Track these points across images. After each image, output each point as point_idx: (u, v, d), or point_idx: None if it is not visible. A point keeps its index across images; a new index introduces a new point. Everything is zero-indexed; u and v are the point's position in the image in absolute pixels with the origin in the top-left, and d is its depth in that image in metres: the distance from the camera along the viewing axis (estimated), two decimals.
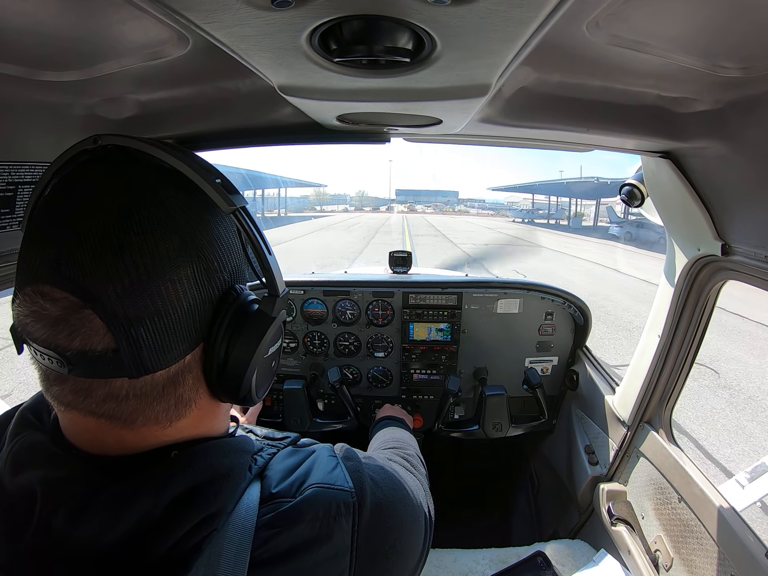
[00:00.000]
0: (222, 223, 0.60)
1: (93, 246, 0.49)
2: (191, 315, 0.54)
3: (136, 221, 0.51)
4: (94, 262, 0.49)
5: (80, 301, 0.49)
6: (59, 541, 0.50)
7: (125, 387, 0.52)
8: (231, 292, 0.59)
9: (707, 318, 1.61)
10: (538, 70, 0.99)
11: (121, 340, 0.49)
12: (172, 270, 0.52)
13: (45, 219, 0.54)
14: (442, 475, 1.75)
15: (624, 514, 1.88)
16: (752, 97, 0.93)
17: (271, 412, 2.51)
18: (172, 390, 0.56)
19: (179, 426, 0.59)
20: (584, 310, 2.38)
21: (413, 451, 1.14)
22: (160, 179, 0.56)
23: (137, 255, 0.50)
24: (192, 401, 0.59)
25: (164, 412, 0.56)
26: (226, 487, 0.58)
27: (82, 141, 0.57)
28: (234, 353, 0.58)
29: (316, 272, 2.72)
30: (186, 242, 0.54)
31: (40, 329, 0.50)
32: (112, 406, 0.53)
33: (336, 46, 0.66)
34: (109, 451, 0.56)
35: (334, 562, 0.60)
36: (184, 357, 0.55)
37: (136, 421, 0.54)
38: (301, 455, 0.70)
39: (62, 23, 0.70)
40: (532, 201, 75.32)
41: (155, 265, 0.51)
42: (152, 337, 0.51)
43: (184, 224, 0.55)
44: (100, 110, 1.11)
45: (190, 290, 0.53)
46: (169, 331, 0.52)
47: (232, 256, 0.61)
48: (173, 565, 0.52)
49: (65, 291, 0.49)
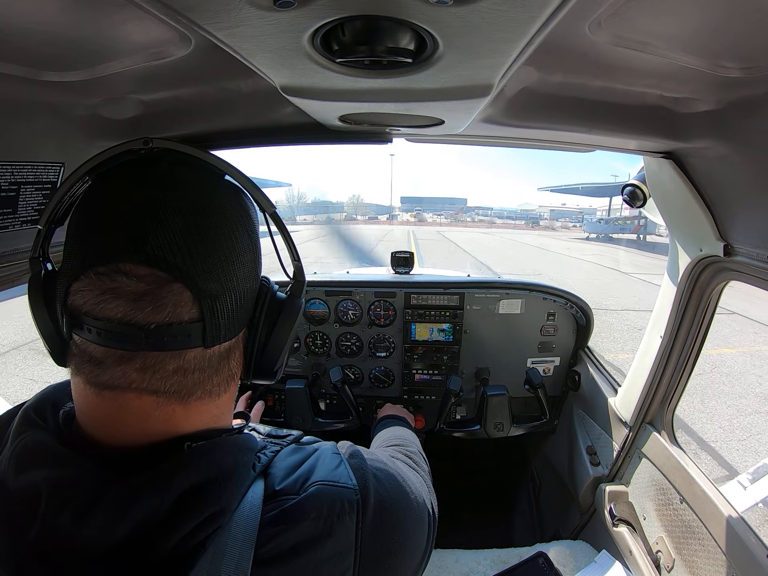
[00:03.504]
0: (255, 221, 0.69)
1: (178, 229, 0.55)
2: (251, 295, 0.65)
3: (213, 212, 0.59)
4: (181, 242, 0.55)
5: (170, 276, 0.54)
6: (64, 540, 0.50)
7: (197, 359, 0.58)
8: (264, 281, 0.69)
9: (709, 318, 1.61)
10: (541, 70, 0.99)
11: (205, 311, 0.56)
12: (241, 254, 0.61)
13: (111, 204, 0.57)
14: (444, 475, 1.75)
15: (626, 514, 1.88)
16: (754, 97, 0.93)
17: (274, 411, 2.52)
18: (226, 364, 0.63)
19: (220, 403, 0.65)
20: (586, 311, 2.38)
21: (415, 449, 1.14)
22: (220, 182, 0.65)
23: (216, 240, 0.58)
24: (235, 377, 0.66)
25: (218, 385, 0.62)
26: (231, 484, 0.58)
27: (132, 140, 0.63)
28: (275, 332, 0.68)
29: (318, 272, 2.72)
30: (248, 234, 0.64)
31: (118, 306, 0.53)
32: (179, 379, 0.57)
33: (338, 46, 0.66)
34: (130, 440, 0.57)
35: (338, 560, 0.61)
36: (240, 333, 0.64)
37: (194, 394, 0.60)
38: (305, 453, 0.70)
39: (65, 23, 0.70)
40: (609, 208, 54.82)
41: (231, 250, 0.60)
42: (227, 310, 0.59)
43: (244, 219, 0.64)
44: (103, 110, 1.11)
45: (251, 274, 0.64)
46: (239, 306, 0.61)
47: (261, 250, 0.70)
48: (178, 562, 0.52)
49: (152, 267, 0.53)
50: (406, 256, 2.62)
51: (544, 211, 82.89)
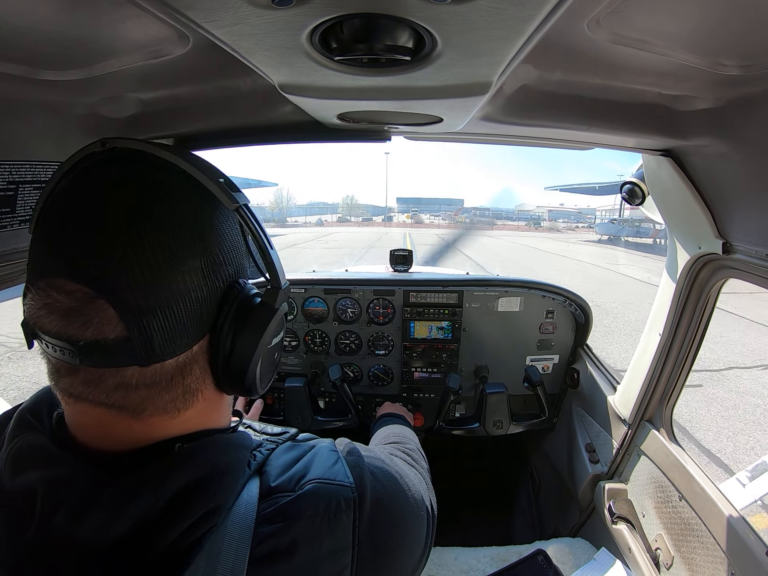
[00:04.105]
0: (226, 220, 0.63)
1: (105, 240, 0.51)
2: (199, 306, 0.57)
3: (147, 217, 0.53)
4: (106, 255, 0.51)
5: (94, 292, 0.51)
6: (61, 540, 0.51)
7: (135, 376, 0.54)
8: (235, 285, 0.62)
9: (708, 316, 1.61)
10: (539, 68, 0.99)
11: (133, 329, 0.51)
12: (181, 263, 0.54)
13: (57, 217, 0.55)
14: (443, 473, 1.76)
15: (625, 512, 1.89)
16: (753, 95, 0.93)
17: (273, 410, 2.52)
18: (180, 379, 0.58)
19: (185, 416, 0.60)
20: (585, 309, 2.38)
21: (414, 446, 1.14)
22: (168, 179, 0.58)
23: (148, 249, 0.52)
24: (198, 391, 0.61)
25: (172, 402, 0.58)
26: (225, 482, 0.58)
27: (89, 144, 0.59)
28: (239, 344, 0.60)
29: (317, 270, 2.72)
30: (194, 237, 0.56)
31: (53, 321, 0.51)
32: (122, 395, 0.54)
33: (337, 44, 0.66)
34: (116, 445, 0.57)
35: (336, 559, 0.61)
36: (192, 347, 0.58)
37: (146, 410, 0.56)
38: (301, 450, 0.70)
39: (63, 22, 0.70)
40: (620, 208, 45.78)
41: (165, 259, 0.53)
42: (162, 326, 0.53)
43: (192, 220, 0.57)
44: (101, 109, 1.11)
45: (198, 283, 0.56)
46: (178, 321, 0.55)
47: (236, 251, 0.63)
48: (174, 560, 0.52)
49: (79, 283, 0.51)
50: (405, 254, 2.62)
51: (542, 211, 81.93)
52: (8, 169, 0.96)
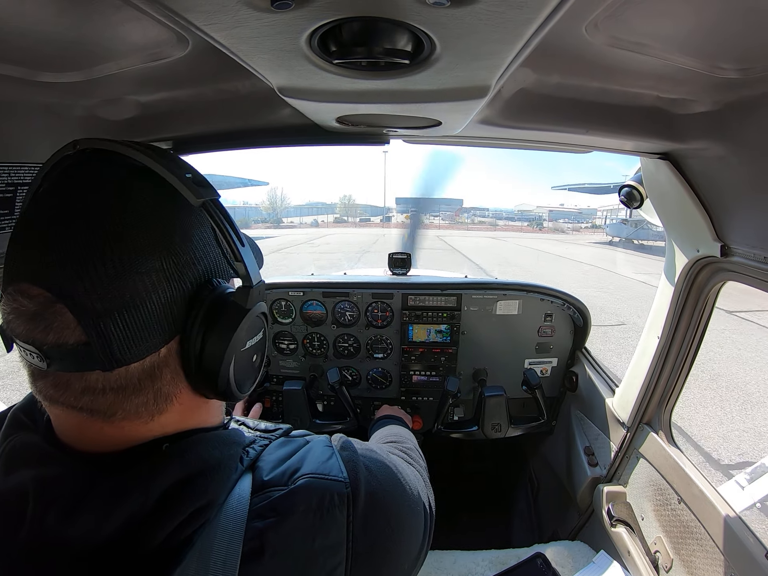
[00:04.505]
0: (197, 217, 0.60)
1: (63, 243, 0.51)
2: (162, 308, 0.54)
3: (102, 217, 0.52)
4: (64, 259, 0.50)
5: (53, 296, 0.50)
6: (53, 539, 0.51)
7: (100, 380, 0.53)
8: (207, 285, 0.59)
9: (706, 319, 1.62)
10: (538, 71, 0.99)
11: (91, 334, 0.50)
12: (139, 263, 0.52)
13: (24, 222, 0.56)
14: (442, 476, 1.75)
15: (624, 515, 1.88)
16: (751, 98, 0.93)
17: (271, 413, 2.52)
18: (150, 384, 0.56)
19: (162, 421, 0.59)
20: (583, 312, 2.38)
21: (412, 445, 1.14)
22: (129, 176, 0.56)
23: (105, 250, 0.51)
24: (172, 396, 0.59)
25: (143, 406, 0.56)
26: (217, 478, 0.57)
27: (63, 147, 0.58)
28: (208, 346, 0.57)
29: (315, 274, 2.72)
30: (153, 236, 0.54)
31: (20, 325, 0.52)
32: (89, 399, 0.54)
33: (335, 47, 0.66)
34: (97, 447, 0.56)
35: (330, 554, 0.60)
36: (159, 350, 0.55)
37: (115, 414, 0.55)
38: (294, 445, 0.70)
39: (62, 24, 0.70)
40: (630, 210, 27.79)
41: (122, 259, 0.51)
42: (122, 330, 0.51)
43: (152, 218, 0.55)
44: (100, 111, 1.11)
45: (160, 283, 0.54)
46: (139, 324, 0.52)
47: (208, 249, 0.60)
48: (166, 557, 0.52)
49: (41, 287, 0.50)
50: (403, 257, 2.62)
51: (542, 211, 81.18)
52: (7, 171, 0.95)
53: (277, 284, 2.44)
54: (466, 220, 71.66)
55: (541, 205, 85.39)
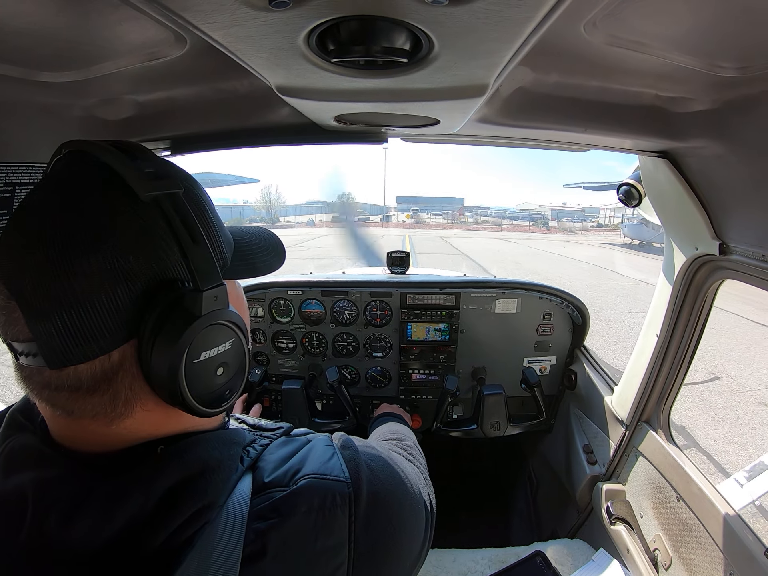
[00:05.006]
0: (156, 214, 0.55)
1: (16, 241, 0.52)
2: (108, 311, 0.51)
3: (46, 215, 0.52)
4: (15, 257, 0.52)
5: (9, 293, 0.52)
6: (53, 542, 0.50)
7: (53, 377, 0.53)
8: (163, 288, 0.54)
9: (705, 317, 1.62)
10: (536, 70, 0.99)
11: (34, 331, 0.51)
12: (79, 263, 0.50)
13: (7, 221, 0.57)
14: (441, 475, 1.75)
15: (623, 513, 1.89)
16: (749, 97, 0.93)
17: (271, 412, 2.52)
18: (105, 386, 0.53)
19: (127, 426, 0.56)
20: (582, 310, 2.38)
21: (412, 442, 1.14)
22: (86, 175, 0.55)
23: (48, 249, 0.50)
24: (133, 401, 0.55)
25: (100, 407, 0.54)
26: (217, 479, 0.57)
27: (54, 152, 0.59)
28: (154, 355, 0.53)
29: (314, 273, 2.72)
30: (95, 234, 0.51)
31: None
32: (49, 394, 0.54)
33: (334, 46, 0.66)
34: (84, 446, 0.56)
35: (332, 555, 0.60)
36: (109, 354, 0.53)
37: (73, 412, 0.55)
38: (295, 444, 0.69)
39: (60, 24, 0.70)
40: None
41: (62, 258, 0.49)
42: (62, 330, 0.50)
43: (99, 217, 0.52)
44: (98, 111, 1.11)
45: (102, 285, 0.50)
46: (81, 325, 0.50)
47: (168, 249, 0.55)
48: (166, 559, 0.51)
49: (3, 285, 0.52)
50: (402, 255, 2.62)
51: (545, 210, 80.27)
52: (5, 171, 0.95)
53: (275, 283, 2.44)
54: (469, 220, 69.39)
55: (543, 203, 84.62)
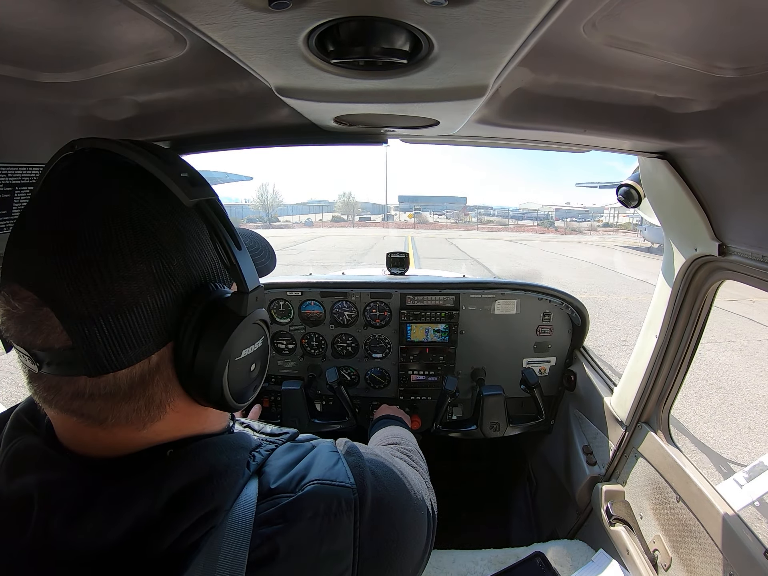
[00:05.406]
0: (194, 218, 0.57)
1: (49, 244, 0.50)
2: (152, 314, 0.52)
3: (87, 218, 0.50)
4: (49, 260, 0.49)
5: (40, 300, 0.49)
6: (57, 544, 0.50)
7: (89, 385, 0.51)
8: (201, 290, 0.56)
9: (704, 318, 1.62)
10: (535, 71, 0.99)
11: (75, 338, 0.49)
12: (125, 267, 0.50)
13: (19, 222, 0.55)
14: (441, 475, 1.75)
15: (622, 514, 1.88)
16: (748, 98, 0.93)
17: (270, 413, 2.51)
18: (141, 391, 0.54)
19: (156, 429, 0.57)
20: (581, 311, 2.38)
21: (413, 447, 1.14)
22: (118, 175, 0.55)
23: (89, 252, 0.49)
24: (165, 404, 0.57)
25: (134, 413, 0.54)
26: (224, 484, 0.57)
27: (62, 148, 0.58)
28: (200, 355, 0.55)
29: (313, 274, 2.72)
30: (141, 238, 0.51)
31: (11, 328, 0.51)
32: (80, 404, 0.52)
33: (333, 47, 0.66)
34: (95, 451, 0.56)
35: (337, 560, 0.60)
36: (149, 357, 0.53)
37: (106, 420, 0.53)
38: (301, 450, 0.69)
39: (60, 25, 0.70)
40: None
41: (107, 262, 0.49)
42: (108, 335, 0.49)
43: (140, 219, 0.52)
44: (99, 111, 1.11)
45: (148, 288, 0.51)
46: (127, 330, 0.50)
47: (205, 253, 0.58)
48: (172, 563, 0.51)
49: (29, 290, 0.50)
50: (401, 257, 2.62)
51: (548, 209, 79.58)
52: (5, 172, 0.95)
53: (275, 284, 2.44)
54: (473, 219, 67.86)
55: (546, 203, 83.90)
